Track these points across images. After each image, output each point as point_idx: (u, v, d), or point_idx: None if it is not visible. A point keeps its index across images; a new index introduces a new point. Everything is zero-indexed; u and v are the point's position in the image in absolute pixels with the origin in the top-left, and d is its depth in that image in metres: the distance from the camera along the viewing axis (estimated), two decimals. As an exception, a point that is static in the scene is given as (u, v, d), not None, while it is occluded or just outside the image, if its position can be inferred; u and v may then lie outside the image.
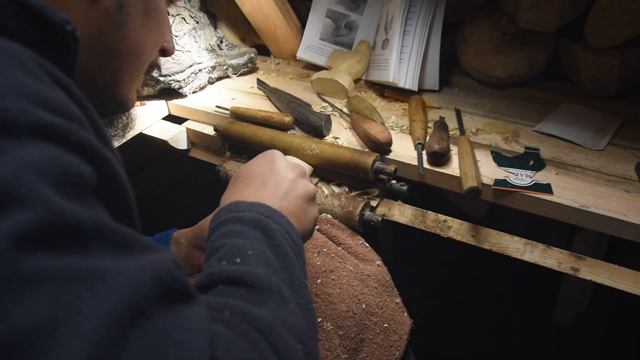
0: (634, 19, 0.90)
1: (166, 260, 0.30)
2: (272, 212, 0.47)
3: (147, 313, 0.27)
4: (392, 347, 0.71)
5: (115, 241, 0.28)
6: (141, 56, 0.51)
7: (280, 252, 0.43)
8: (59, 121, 0.29)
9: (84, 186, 0.29)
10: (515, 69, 1.04)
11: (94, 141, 0.31)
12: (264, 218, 0.45)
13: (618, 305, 1.40)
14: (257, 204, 0.47)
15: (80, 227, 0.27)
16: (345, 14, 1.19)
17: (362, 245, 0.79)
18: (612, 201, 0.73)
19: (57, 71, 0.33)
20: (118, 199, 0.34)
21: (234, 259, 0.40)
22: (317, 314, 0.67)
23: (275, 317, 0.36)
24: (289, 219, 0.48)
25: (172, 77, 1.06)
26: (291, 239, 0.46)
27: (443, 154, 0.82)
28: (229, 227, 0.44)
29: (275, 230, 0.45)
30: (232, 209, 0.47)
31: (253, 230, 0.44)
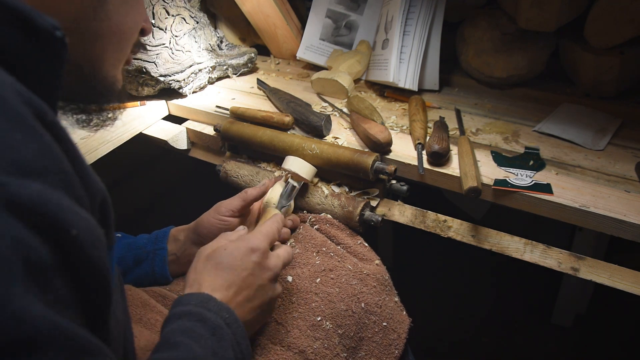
0: (634, 19, 0.90)
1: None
2: (233, 320, 0.52)
3: None
4: (391, 346, 0.71)
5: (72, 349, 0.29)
6: (124, 35, 0.50)
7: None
8: (29, 191, 0.28)
9: (44, 271, 0.29)
10: (516, 69, 1.04)
11: (61, 214, 0.30)
12: (224, 326, 0.50)
13: (618, 305, 1.40)
14: (225, 308, 0.52)
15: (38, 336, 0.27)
16: (345, 14, 1.20)
17: (361, 245, 0.79)
18: (612, 201, 0.73)
19: (42, 107, 0.32)
20: (85, 274, 0.33)
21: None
22: (316, 312, 0.67)
23: None
24: (243, 326, 0.53)
25: (172, 77, 1.06)
26: (239, 349, 0.51)
27: (443, 154, 0.82)
28: (192, 325, 0.48)
29: (229, 342, 0.50)
30: (201, 303, 0.51)
31: (211, 338, 0.48)
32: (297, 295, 0.68)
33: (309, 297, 0.68)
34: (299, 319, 0.66)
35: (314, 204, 0.83)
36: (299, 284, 0.69)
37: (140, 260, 0.73)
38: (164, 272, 0.73)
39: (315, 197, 0.83)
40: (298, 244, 0.75)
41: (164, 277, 0.74)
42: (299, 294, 0.68)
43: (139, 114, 1.05)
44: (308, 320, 0.66)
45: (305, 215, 0.82)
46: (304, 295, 0.68)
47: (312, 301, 0.68)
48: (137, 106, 1.08)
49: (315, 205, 0.83)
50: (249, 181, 0.90)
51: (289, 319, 0.66)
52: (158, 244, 0.74)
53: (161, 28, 1.05)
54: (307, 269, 0.71)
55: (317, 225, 0.80)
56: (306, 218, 0.81)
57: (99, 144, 0.95)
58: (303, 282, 0.69)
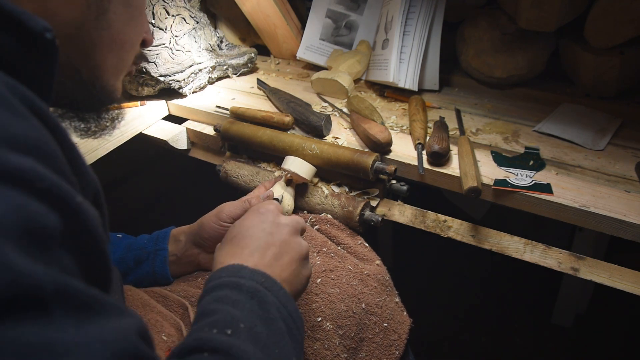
0: (634, 19, 0.90)
1: (131, 330, 0.29)
2: (272, 283, 0.48)
3: None
4: (391, 347, 0.71)
5: (78, 305, 0.27)
6: (125, 45, 0.50)
7: (273, 326, 0.44)
8: (26, 165, 0.28)
9: (49, 238, 0.28)
10: (516, 69, 1.04)
11: (63, 186, 0.30)
12: (262, 289, 0.46)
13: (618, 305, 1.40)
14: (259, 272, 0.48)
15: (41, 292, 0.26)
16: (345, 14, 1.19)
17: (362, 245, 0.79)
18: (612, 201, 0.73)
19: (31, 96, 0.32)
20: (88, 246, 0.33)
21: (225, 329, 0.41)
22: (317, 313, 0.67)
23: None
24: (285, 289, 0.49)
25: (172, 77, 1.06)
26: (287, 312, 0.47)
27: (443, 154, 0.82)
28: (227, 293, 0.45)
29: (271, 304, 0.46)
30: (233, 273, 0.48)
31: (250, 302, 0.45)
32: (297, 296, 0.68)
33: (309, 298, 0.68)
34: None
35: (314, 204, 0.83)
36: (299, 284, 0.69)
37: (140, 261, 0.74)
38: (164, 273, 0.73)
39: (315, 197, 0.83)
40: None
41: (164, 277, 0.74)
42: (299, 294, 0.68)
43: (139, 114, 1.05)
44: (308, 320, 0.66)
45: (305, 215, 0.82)
46: (304, 295, 0.68)
47: (313, 302, 0.68)
48: (137, 106, 1.08)
49: (315, 205, 0.83)
50: (249, 181, 0.90)
51: (289, 319, 0.66)
52: (159, 245, 0.74)
53: (161, 28, 1.05)
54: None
55: (317, 225, 0.80)
56: (306, 218, 0.81)
57: (99, 144, 0.95)
58: (303, 283, 0.69)
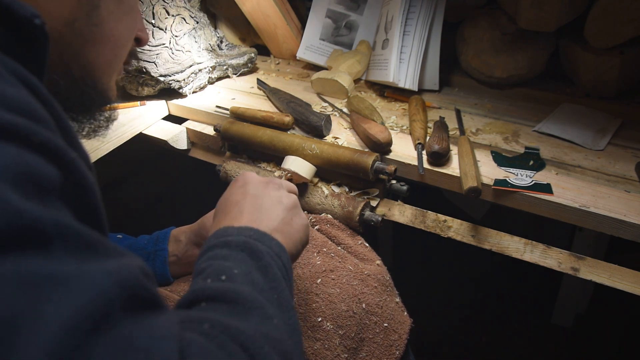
0: (634, 19, 0.90)
1: (133, 266, 0.29)
2: (261, 235, 0.46)
3: (112, 320, 0.25)
4: (392, 347, 0.71)
5: (79, 243, 0.27)
6: (117, 42, 0.50)
7: (269, 273, 0.43)
8: (20, 121, 0.28)
9: (47, 187, 0.28)
10: (516, 69, 1.04)
11: (58, 141, 0.30)
12: (252, 241, 0.45)
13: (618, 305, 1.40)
14: (246, 227, 0.47)
15: (41, 228, 0.26)
16: (345, 14, 1.19)
17: (362, 245, 0.79)
18: (612, 201, 0.73)
19: (21, 70, 0.32)
20: (84, 201, 0.33)
21: (219, 276, 0.40)
22: (317, 313, 0.67)
23: (258, 331, 0.35)
24: (277, 239, 0.47)
25: (172, 77, 1.06)
26: (280, 262, 0.45)
27: (443, 154, 0.82)
28: (216, 252, 0.44)
29: (264, 252, 0.44)
30: (220, 235, 0.47)
31: (240, 254, 0.43)
32: (297, 296, 0.68)
33: (309, 298, 0.68)
34: (300, 319, 0.66)
35: (314, 204, 0.83)
36: (300, 285, 0.69)
37: (140, 261, 0.73)
38: (164, 273, 0.73)
39: (315, 197, 0.83)
40: (298, 244, 0.75)
41: (164, 277, 0.74)
42: (299, 294, 0.68)
43: (139, 114, 1.05)
44: (308, 320, 0.66)
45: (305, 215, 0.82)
46: (305, 295, 0.68)
47: (313, 302, 0.68)
48: (137, 106, 1.08)
49: (315, 205, 0.83)
50: (249, 181, 0.90)
51: (290, 319, 0.66)
52: (159, 245, 0.74)
53: (161, 28, 1.05)
54: (307, 269, 0.71)
55: (317, 225, 0.80)
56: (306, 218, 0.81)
57: (99, 144, 0.95)
58: (304, 283, 0.69)
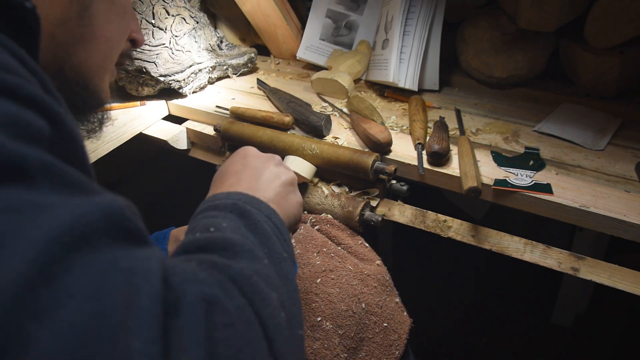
0: (634, 19, 0.90)
1: (120, 201, 0.29)
2: (250, 198, 0.46)
3: (94, 243, 0.25)
4: (391, 347, 0.71)
5: (65, 181, 0.27)
6: (108, 43, 0.50)
7: (258, 229, 0.42)
8: (7, 77, 0.28)
9: (36, 136, 0.28)
10: (516, 69, 1.04)
11: (44, 96, 0.30)
12: (240, 203, 0.45)
13: (618, 305, 1.40)
14: (235, 192, 0.47)
15: (25, 163, 0.25)
16: (345, 14, 1.19)
17: (362, 245, 0.79)
18: (612, 201, 0.73)
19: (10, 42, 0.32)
20: (73, 153, 0.32)
21: (207, 229, 0.39)
22: (317, 313, 0.67)
23: (247, 266, 0.34)
24: (269, 204, 0.47)
25: (172, 77, 1.06)
26: (271, 222, 0.45)
27: (443, 154, 0.82)
28: (204, 214, 0.44)
29: (253, 212, 0.44)
30: (209, 200, 0.47)
31: (229, 214, 0.43)
32: (297, 296, 0.68)
33: (309, 298, 0.68)
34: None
35: (314, 204, 0.83)
36: (299, 284, 0.69)
37: (140, 261, 0.73)
38: (164, 272, 0.73)
39: (315, 197, 0.83)
40: (298, 244, 0.75)
41: (164, 277, 0.74)
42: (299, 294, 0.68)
43: (139, 114, 1.05)
44: (308, 320, 0.66)
45: (306, 215, 0.82)
46: (304, 295, 0.68)
47: (313, 301, 0.68)
48: (137, 106, 1.08)
49: (315, 205, 0.83)
50: (249, 181, 0.90)
51: (289, 319, 0.66)
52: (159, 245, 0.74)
53: (161, 28, 1.05)
54: (307, 269, 0.71)
55: (317, 225, 0.80)
56: (307, 218, 0.81)
57: (99, 144, 0.95)
58: (303, 283, 0.69)
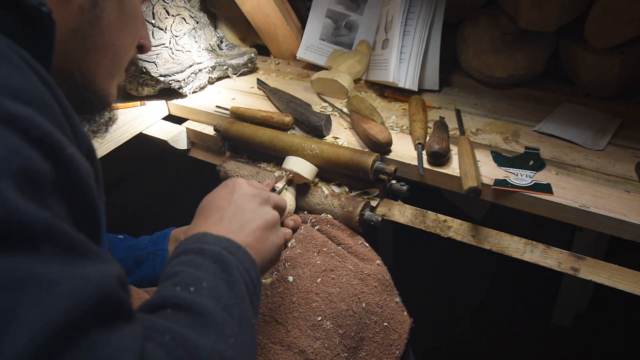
0: (634, 19, 0.90)
1: (112, 276, 0.30)
2: (236, 248, 0.48)
3: (83, 328, 0.27)
4: (391, 346, 0.71)
5: (65, 246, 0.28)
6: (118, 52, 0.51)
7: (235, 288, 0.44)
8: (24, 112, 0.29)
9: (42, 183, 0.29)
10: (516, 69, 1.04)
11: (56, 135, 0.31)
12: (225, 253, 0.46)
13: (618, 305, 1.40)
14: (223, 238, 0.48)
15: (32, 228, 0.27)
16: (345, 14, 1.20)
17: (362, 245, 0.79)
18: (612, 201, 0.73)
19: (28, 56, 0.33)
20: (79, 196, 0.34)
21: (188, 287, 0.41)
22: (317, 312, 0.67)
23: (214, 348, 0.37)
24: (248, 252, 0.49)
25: (172, 77, 1.06)
26: (249, 277, 0.47)
27: (443, 154, 0.82)
28: (191, 257, 0.45)
29: (234, 267, 0.46)
30: (197, 240, 0.48)
31: (212, 265, 0.45)
32: (297, 295, 0.68)
33: (309, 297, 0.68)
34: (300, 318, 0.66)
35: (314, 204, 0.83)
36: (300, 284, 0.69)
37: (141, 262, 0.74)
38: (164, 273, 0.73)
39: (315, 197, 0.83)
40: (299, 244, 0.75)
41: (164, 277, 0.74)
42: (299, 293, 0.68)
43: (139, 114, 1.05)
44: (308, 320, 0.66)
45: (306, 215, 0.82)
46: (305, 295, 0.68)
47: (313, 301, 0.68)
48: (137, 106, 1.08)
49: (315, 205, 0.83)
50: (249, 181, 0.90)
51: (290, 319, 0.66)
52: (159, 245, 0.74)
53: (161, 28, 1.05)
54: (307, 269, 0.71)
55: (317, 225, 0.80)
56: (307, 219, 0.81)
57: (99, 144, 0.95)
58: (304, 282, 0.69)
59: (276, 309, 0.67)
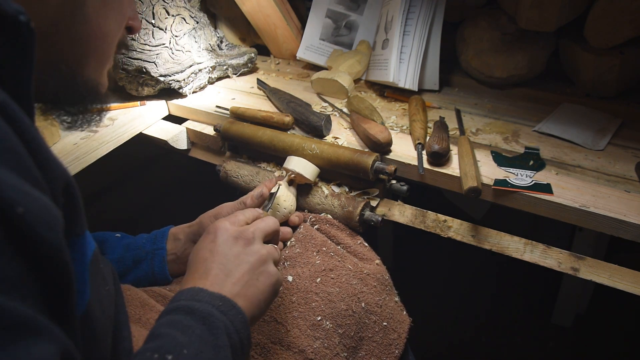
0: (634, 19, 0.90)
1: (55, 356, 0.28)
2: (230, 307, 0.48)
3: None
4: (391, 346, 0.71)
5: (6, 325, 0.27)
6: (105, 38, 0.49)
7: (220, 354, 0.44)
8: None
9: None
10: (516, 69, 1.04)
11: (11, 191, 0.28)
12: (217, 313, 0.47)
13: (618, 305, 1.40)
14: (217, 296, 0.49)
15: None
16: (345, 14, 1.20)
17: (361, 245, 0.79)
18: (612, 201, 0.73)
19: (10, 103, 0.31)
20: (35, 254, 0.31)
21: (166, 355, 0.41)
22: (317, 312, 0.67)
23: None
24: (240, 307, 0.49)
25: (172, 77, 1.06)
26: (238, 337, 0.47)
27: (443, 154, 0.82)
28: (179, 318, 0.46)
29: (222, 331, 0.46)
30: (191, 297, 0.48)
31: (200, 328, 0.45)
32: (297, 295, 0.68)
33: (309, 297, 0.68)
34: (299, 318, 0.66)
35: (314, 204, 0.83)
36: (299, 284, 0.69)
37: (139, 260, 0.73)
38: (163, 272, 0.73)
39: (315, 197, 0.83)
40: (298, 244, 0.75)
41: (163, 277, 0.74)
42: (299, 293, 0.68)
43: (139, 114, 1.05)
44: (308, 319, 0.66)
45: (305, 215, 0.82)
46: (304, 294, 0.68)
47: (312, 301, 0.68)
48: (137, 106, 1.08)
49: (315, 205, 0.83)
50: (249, 181, 0.90)
51: (289, 319, 0.66)
52: (157, 244, 0.74)
53: (161, 28, 1.05)
54: (307, 268, 0.71)
55: (317, 225, 0.80)
56: (306, 218, 0.81)
57: (99, 144, 0.95)
58: (303, 282, 0.69)
59: (276, 308, 0.67)
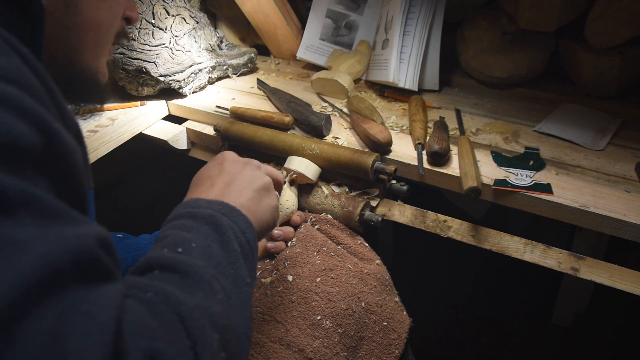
0: (634, 19, 0.90)
1: (90, 236, 0.30)
2: (230, 210, 0.48)
3: (59, 286, 0.27)
4: (391, 345, 0.71)
5: (43, 212, 0.29)
6: (101, 28, 0.50)
7: (229, 248, 0.44)
8: (7, 88, 0.29)
9: (24, 155, 0.29)
10: (515, 69, 1.04)
11: (42, 110, 0.31)
12: (217, 214, 0.46)
13: (618, 305, 1.40)
14: (215, 201, 0.48)
15: (7, 194, 0.27)
16: (345, 14, 1.20)
17: (362, 245, 0.79)
18: (612, 201, 0.73)
19: (12, 38, 0.33)
20: (64, 169, 0.34)
21: (176, 247, 0.41)
22: (317, 312, 0.67)
23: (199, 304, 0.36)
24: (243, 213, 0.49)
25: (172, 77, 1.06)
26: (244, 238, 0.47)
27: (443, 154, 0.82)
28: (181, 221, 0.45)
29: (227, 227, 0.45)
30: (189, 205, 0.48)
31: (204, 227, 0.44)
32: (297, 294, 0.68)
33: (309, 296, 0.68)
34: (299, 317, 0.66)
35: (314, 204, 0.83)
36: (299, 283, 0.69)
37: (140, 261, 0.73)
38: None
39: (315, 197, 0.83)
40: (298, 243, 0.75)
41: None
42: (299, 293, 0.68)
43: (139, 114, 1.05)
44: (308, 319, 0.66)
45: (306, 214, 0.83)
46: (304, 294, 0.68)
47: (312, 300, 0.68)
48: (137, 106, 1.08)
49: (316, 205, 0.83)
50: (249, 181, 0.90)
51: (289, 318, 0.66)
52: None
53: (161, 28, 1.05)
54: (307, 268, 0.71)
55: (317, 225, 0.80)
56: (307, 218, 0.81)
57: (99, 144, 0.95)
58: (303, 281, 0.69)
59: (275, 307, 0.67)
